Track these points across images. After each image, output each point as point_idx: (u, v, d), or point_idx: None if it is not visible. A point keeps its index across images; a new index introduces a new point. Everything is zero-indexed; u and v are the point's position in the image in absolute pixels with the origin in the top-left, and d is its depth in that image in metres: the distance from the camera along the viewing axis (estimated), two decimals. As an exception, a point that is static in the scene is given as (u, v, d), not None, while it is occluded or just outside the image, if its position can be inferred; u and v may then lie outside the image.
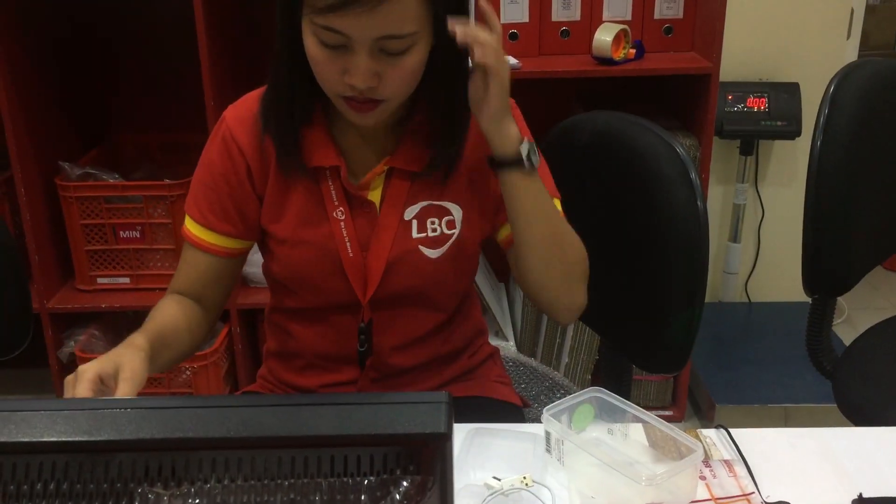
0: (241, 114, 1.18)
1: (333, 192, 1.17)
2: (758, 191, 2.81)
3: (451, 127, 1.15)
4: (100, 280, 2.32)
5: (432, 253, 1.19)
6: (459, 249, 1.21)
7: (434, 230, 1.19)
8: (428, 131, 1.16)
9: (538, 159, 1.15)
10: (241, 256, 1.25)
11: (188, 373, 2.30)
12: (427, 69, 1.09)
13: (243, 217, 1.20)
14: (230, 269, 1.24)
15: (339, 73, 1.04)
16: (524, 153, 1.11)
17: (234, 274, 1.26)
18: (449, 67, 1.10)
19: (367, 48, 1.01)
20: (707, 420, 2.47)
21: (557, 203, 1.22)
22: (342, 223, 1.18)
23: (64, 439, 0.60)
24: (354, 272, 1.19)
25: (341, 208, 1.18)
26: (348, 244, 1.18)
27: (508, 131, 1.11)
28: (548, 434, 1.07)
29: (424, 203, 1.19)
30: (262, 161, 1.18)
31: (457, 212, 1.20)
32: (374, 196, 1.18)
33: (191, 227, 1.21)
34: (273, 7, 1.08)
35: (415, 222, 1.19)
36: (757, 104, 2.58)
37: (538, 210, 1.15)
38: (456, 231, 1.20)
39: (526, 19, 2.24)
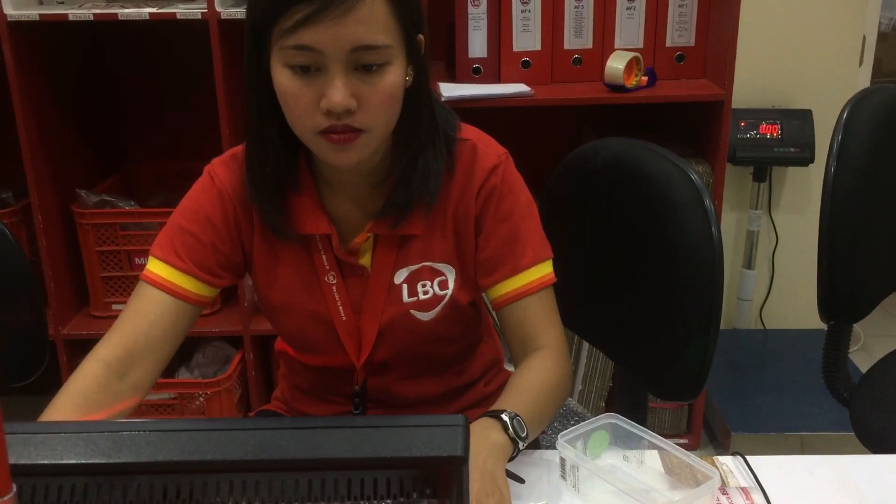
0: (231, 167, 1.16)
1: (325, 258, 1.16)
2: (771, 217, 2.81)
3: (410, 162, 1.12)
4: (114, 307, 2.33)
5: (424, 316, 1.18)
6: (453, 308, 1.19)
7: (426, 293, 1.18)
8: None
9: (525, 430, 1.05)
10: (197, 310, 1.16)
11: (201, 399, 2.30)
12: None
13: (221, 264, 1.16)
14: (184, 322, 1.14)
15: (314, 101, 1.00)
16: (518, 446, 1.05)
17: (182, 333, 1.15)
18: (413, 103, 1.08)
19: (342, 64, 0.99)
20: (723, 448, 2.44)
21: (546, 266, 1.18)
22: (334, 287, 1.17)
23: (83, 461, 0.60)
24: (348, 336, 1.19)
25: (333, 273, 1.17)
26: (341, 309, 1.18)
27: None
28: (563, 461, 1.06)
29: (415, 266, 1.17)
30: (248, 220, 1.16)
31: (449, 272, 1.18)
32: (366, 260, 1.17)
33: (159, 270, 1.13)
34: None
35: (405, 286, 1.17)
36: (770, 131, 2.58)
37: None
38: (449, 291, 1.18)
39: (538, 47, 2.26)
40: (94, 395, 1.06)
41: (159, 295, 1.12)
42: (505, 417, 1.03)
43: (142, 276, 1.14)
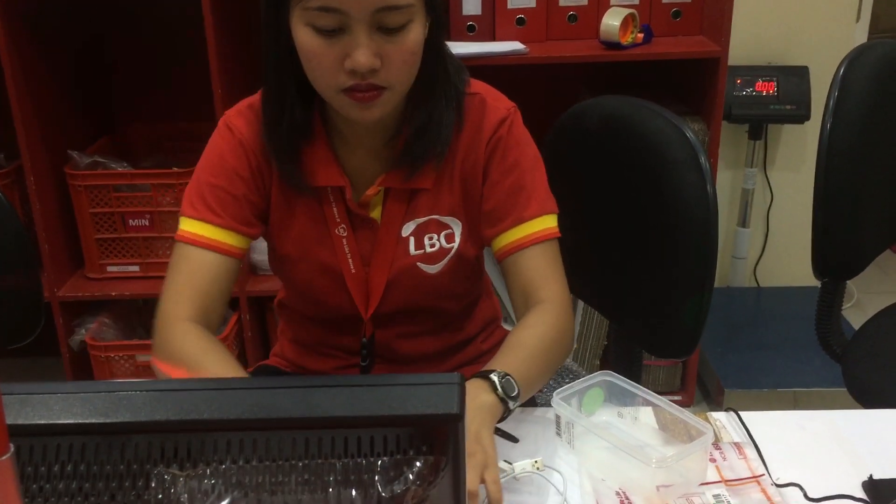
0: (248, 118, 1.16)
1: (336, 210, 1.17)
2: (766, 175, 2.80)
3: (423, 116, 1.11)
4: (109, 268, 2.33)
5: (430, 268, 1.19)
6: (459, 262, 1.20)
7: (432, 245, 1.18)
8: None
9: (516, 390, 1.04)
10: (240, 262, 1.17)
11: (198, 360, 2.31)
12: None
13: (255, 213, 1.17)
14: (233, 274, 1.16)
15: (338, 61, 1.01)
16: (508, 406, 1.03)
17: (232, 287, 1.17)
18: (428, 59, 1.08)
19: (366, 24, 0.99)
20: (716, 405, 2.47)
21: (551, 219, 1.18)
22: (344, 240, 1.18)
23: (80, 421, 0.60)
24: (357, 288, 1.20)
25: (343, 225, 1.17)
26: (350, 260, 1.18)
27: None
28: (558, 418, 1.07)
29: (423, 219, 1.18)
30: (268, 168, 1.16)
31: (456, 225, 1.19)
32: (376, 213, 1.18)
33: (197, 229, 1.13)
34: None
35: (412, 239, 1.18)
36: (766, 88, 2.56)
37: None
38: (455, 244, 1.19)
39: (533, 4, 2.23)
40: (210, 338, 1.10)
41: (206, 254, 1.13)
42: (494, 377, 1.02)
43: (179, 238, 1.14)
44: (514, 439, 1.06)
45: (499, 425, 1.03)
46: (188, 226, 1.13)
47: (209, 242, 1.13)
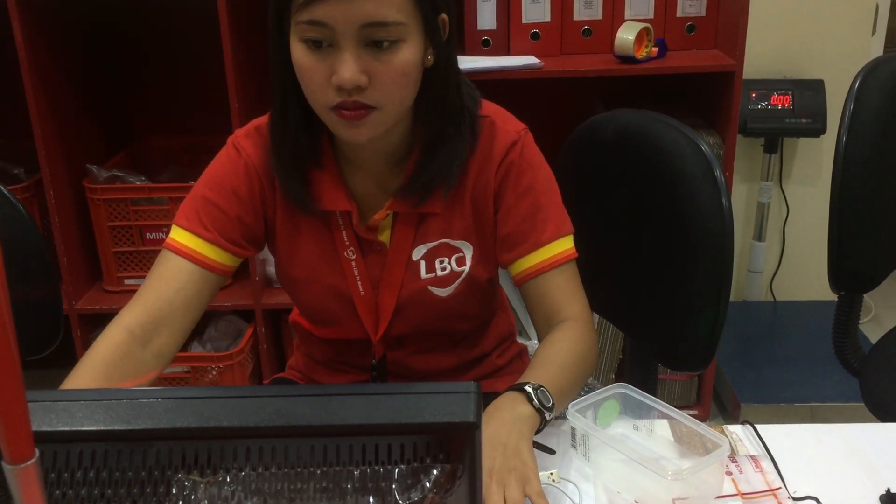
0: (256, 141, 1.16)
1: (345, 234, 1.17)
2: (782, 189, 2.80)
3: (433, 142, 1.12)
4: (127, 281, 2.35)
5: (442, 292, 1.19)
6: (470, 284, 1.20)
7: (443, 269, 1.18)
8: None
9: (551, 401, 1.04)
10: (220, 280, 1.17)
11: (214, 373, 2.32)
12: (421, 90, 1.07)
13: (246, 235, 1.17)
14: (208, 291, 1.15)
15: (327, 77, 1.00)
16: (545, 416, 1.03)
17: (206, 303, 1.15)
18: (437, 83, 1.08)
19: (353, 40, 0.99)
20: (732, 419, 2.45)
21: (567, 241, 1.18)
22: (353, 262, 1.18)
23: (103, 428, 0.61)
24: (366, 310, 1.20)
25: (352, 248, 1.17)
26: (359, 283, 1.18)
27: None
28: (573, 430, 1.07)
29: (433, 243, 1.18)
30: (272, 193, 1.17)
31: (467, 249, 1.19)
32: (385, 237, 1.18)
33: (184, 239, 1.13)
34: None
35: (423, 263, 1.18)
36: (781, 101, 2.56)
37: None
38: (466, 268, 1.19)
39: (548, 18, 2.24)
40: (116, 363, 1.06)
41: (184, 263, 1.13)
42: (528, 389, 1.02)
43: (165, 245, 1.14)
44: (551, 451, 1.05)
45: (535, 438, 1.02)
46: (177, 235, 1.14)
47: (191, 253, 1.13)
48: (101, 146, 2.44)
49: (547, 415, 1.02)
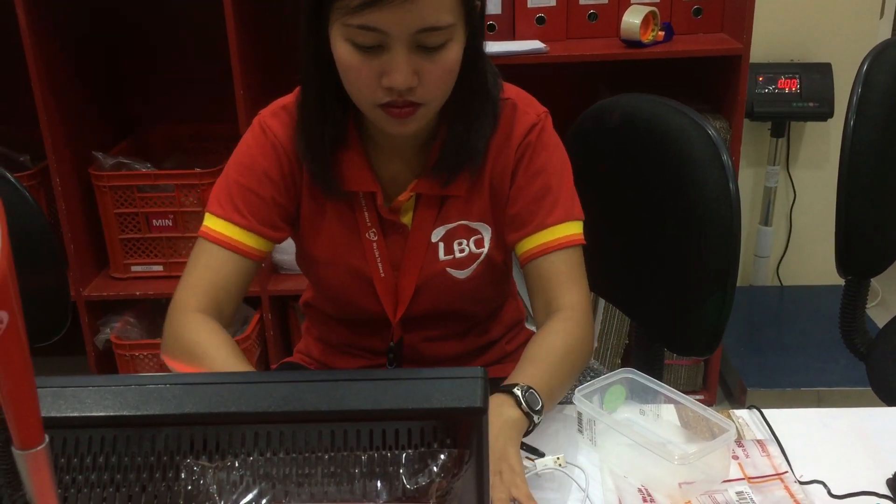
0: (283, 120, 1.16)
1: (367, 215, 1.17)
2: (789, 173, 2.79)
3: (460, 124, 1.12)
4: (133, 268, 2.36)
5: (460, 274, 1.19)
6: (488, 266, 1.20)
7: (462, 251, 1.19)
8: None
9: (539, 403, 1.02)
10: (258, 265, 1.18)
11: (221, 359, 2.33)
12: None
13: (282, 216, 1.17)
14: (250, 276, 1.17)
15: (376, 77, 1.00)
16: (533, 419, 1.02)
17: (247, 288, 1.18)
18: (467, 66, 1.07)
19: (405, 44, 0.98)
20: (739, 404, 2.46)
21: (575, 226, 1.17)
22: (375, 244, 1.18)
23: (112, 414, 0.61)
24: (386, 292, 1.20)
25: (374, 230, 1.18)
26: (380, 265, 1.19)
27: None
28: (580, 415, 1.07)
29: (452, 224, 1.18)
30: (300, 171, 1.17)
31: (486, 231, 1.19)
32: (407, 218, 1.18)
33: (221, 227, 1.14)
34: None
35: (441, 245, 1.18)
36: (788, 85, 2.55)
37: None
38: (485, 249, 1.19)
39: (553, 3, 2.23)
40: (231, 342, 1.09)
41: (225, 253, 1.13)
42: (517, 392, 1.01)
43: (202, 234, 1.15)
44: (539, 454, 1.05)
45: (523, 440, 1.02)
46: (212, 223, 1.14)
47: (231, 243, 1.13)
48: (106, 133, 2.45)
49: (535, 418, 1.01)
